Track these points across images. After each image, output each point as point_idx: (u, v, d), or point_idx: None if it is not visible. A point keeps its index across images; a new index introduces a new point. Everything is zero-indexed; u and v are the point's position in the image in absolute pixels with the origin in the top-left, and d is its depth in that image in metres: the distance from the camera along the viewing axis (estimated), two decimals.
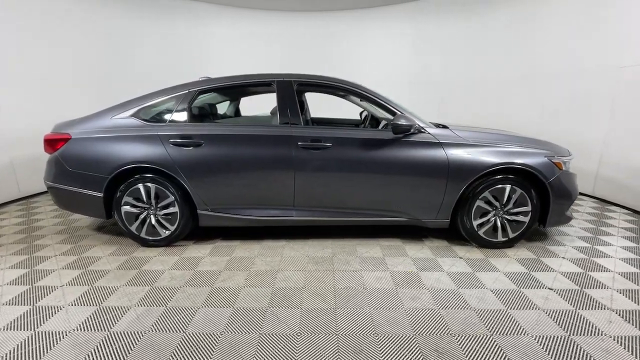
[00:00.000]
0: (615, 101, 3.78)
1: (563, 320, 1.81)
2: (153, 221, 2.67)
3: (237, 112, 3.91)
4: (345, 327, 1.76)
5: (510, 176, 2.56)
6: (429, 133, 2.58)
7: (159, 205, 2.64)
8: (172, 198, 2.61)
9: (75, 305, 1.95)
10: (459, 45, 5.90)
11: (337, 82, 2.72)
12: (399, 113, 2.56)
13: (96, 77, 4.98)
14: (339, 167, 2.55)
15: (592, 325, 1.77)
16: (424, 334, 1.71)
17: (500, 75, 5.38)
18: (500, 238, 2.67)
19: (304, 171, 2.55)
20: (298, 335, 1.69)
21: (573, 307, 1.94)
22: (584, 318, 1.83)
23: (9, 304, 1.96)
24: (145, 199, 2.62)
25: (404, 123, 2.46)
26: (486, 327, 1.76)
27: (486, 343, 1.64)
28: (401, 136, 2.56)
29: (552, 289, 2.13)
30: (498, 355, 1.56)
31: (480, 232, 2.66)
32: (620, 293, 2.08)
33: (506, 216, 2.63)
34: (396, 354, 1.57)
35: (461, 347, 1.61)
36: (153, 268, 2.40)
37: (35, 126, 4.31)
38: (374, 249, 2.71)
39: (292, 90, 2.65)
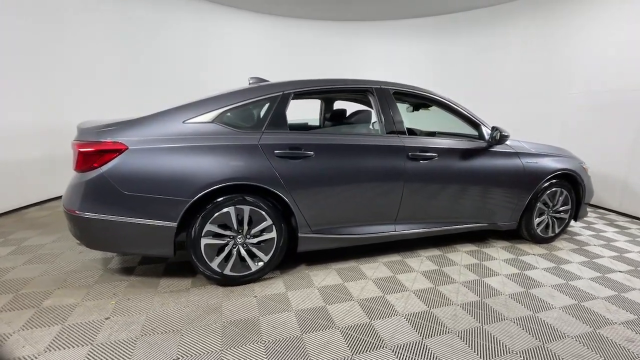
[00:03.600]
0: (565, 121, 4.84)
1: None
2: (242, 252, 2.13)
3: None
4: (529, 336, 1.77)
5: (554, 180, 3.01)
6: (506, 144, 2.83)
7: (251, 232, 2.12)
8: (269, 221, 2.14)
9: None
10: (427, 66, 6.57)
11: (430, 94, 2.70)
12: (493, 126, 2.70)
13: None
14: (444, 178, 2.55)
15: None
16: (603, 328, 1.86)
17: (463, 96, 6.22)
18: (550, 234, 3.10)
19: (413, 183, 2.45)
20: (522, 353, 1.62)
21: None
22: None
23: None
24: (235, 226, 2.07)
25: (505, 134, 2.63)
26: (631, 313, 2.03)
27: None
28: (486, 146, 2.73)
29: (622, 272, 2.59)
30: None
31: (538, 230, 3.04)
32: None
33: (554, 214, 3.08)
34: (595, 350, 1.67)
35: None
36: (282, 314, 1.90)
37: None
38: (463, 256, 2.78)
39: (392, 99, 2.52)
